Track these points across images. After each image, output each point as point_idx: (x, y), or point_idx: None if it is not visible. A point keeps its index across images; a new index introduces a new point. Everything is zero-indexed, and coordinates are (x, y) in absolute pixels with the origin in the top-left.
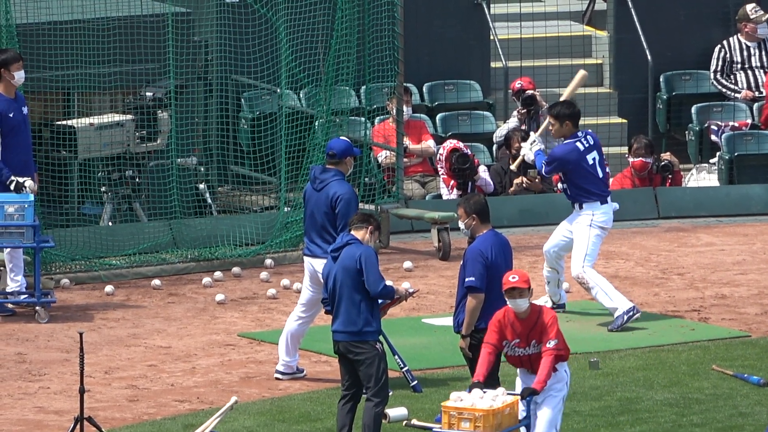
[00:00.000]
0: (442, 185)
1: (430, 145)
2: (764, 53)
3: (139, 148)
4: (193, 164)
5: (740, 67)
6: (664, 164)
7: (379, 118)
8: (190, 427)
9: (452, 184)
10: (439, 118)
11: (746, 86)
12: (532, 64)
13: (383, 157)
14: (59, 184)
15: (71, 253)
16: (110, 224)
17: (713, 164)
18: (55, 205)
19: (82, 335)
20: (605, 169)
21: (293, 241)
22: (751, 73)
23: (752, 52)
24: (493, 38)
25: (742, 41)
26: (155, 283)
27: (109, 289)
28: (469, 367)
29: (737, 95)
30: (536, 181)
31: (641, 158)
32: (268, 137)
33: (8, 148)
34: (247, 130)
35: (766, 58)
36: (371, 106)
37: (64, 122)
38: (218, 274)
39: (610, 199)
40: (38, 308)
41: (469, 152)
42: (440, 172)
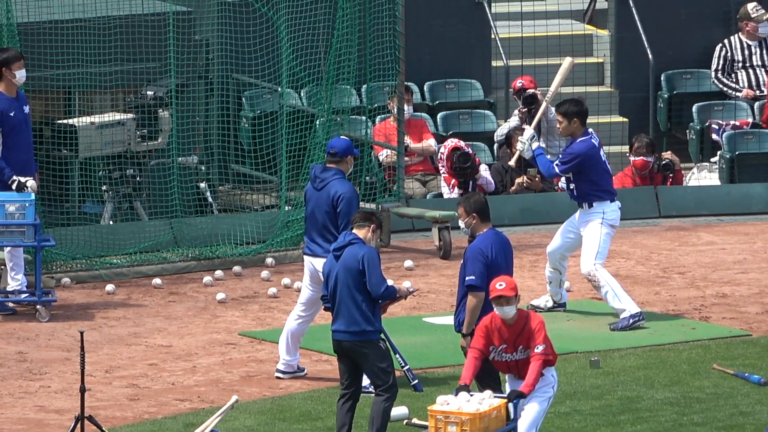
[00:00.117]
0: (443, 184)
1: (431, 144)
2: (765, 52)
3: (140, 146)
4: (194, 163)
5: (741, 65)
6: (665, 163)
7: (380, 117)
8: (190, 426)
9: (453, 183)
10: (440, 117)
11: (747, 85)
12: (533, 62)
13: (384, 156)
14: (60, 182)
15: (72, 251)
16: (111, 223)
17: (714, 163)
18: (56, 203)
19: (82, 334)
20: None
21: (294, 240)
22: (752, 71)
23: (753, 50)
24: (494, 37)
25: (743, 40)
26: (156, 282)
27: (109, 288)
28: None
29: (738, 94)
30: (537, 180)
31: (642, 157)
32: (269, 136)
33: (9, 147)
34: (248, 128)
35: (767, 56)
36: (372, 104)
37: (65, 121)
38: (219, 273)
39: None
40: (39, 307)
41: (470, 151)
42: (441, 171)
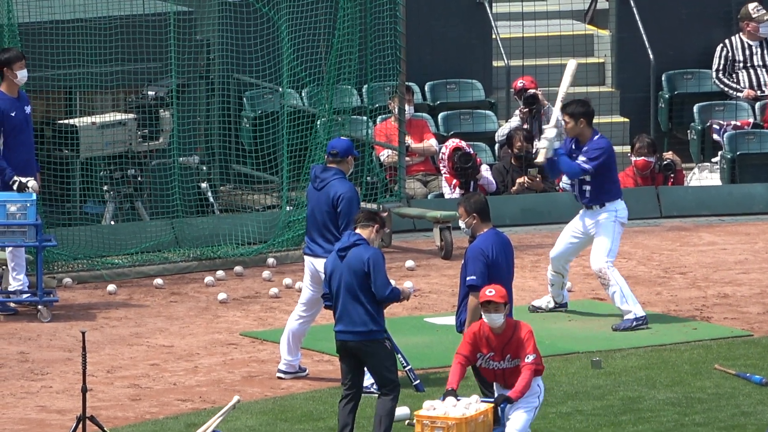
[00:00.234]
0: (444, 184)
1: (432, 144)
2: (766, 52)
3: (141, 147)
4: (195, 163)
5: (742, 66)
6: (666, 163)
7: (381, 117)
8: (192, 426)
9: (455, 183)
10: (441, 117)
11: (748, 85)
12: (534, 63)
13: (385, 156)
14: (61, 183)
15: (73, 252)
16: (112, 223)
17: (715, 163)
18: (57, 204)
19: (84, 334)
20: None
21: (295, 240)
22: (753, 72)
23: (754, 51)
24: (495, 37)
25: (744, 40)
26: (157, 282)
27: (111, 288)
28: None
29: (739, 94)
30: (538, 180)
31: (644, 157)
32: (270, 136)
33: (11, 147)
34: (249, 129)
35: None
36: (373, 105)
37: (66, 121)
38: (220, 273)
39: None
40: (41, 307)
41: (471, 151)
42: (442, 171)
